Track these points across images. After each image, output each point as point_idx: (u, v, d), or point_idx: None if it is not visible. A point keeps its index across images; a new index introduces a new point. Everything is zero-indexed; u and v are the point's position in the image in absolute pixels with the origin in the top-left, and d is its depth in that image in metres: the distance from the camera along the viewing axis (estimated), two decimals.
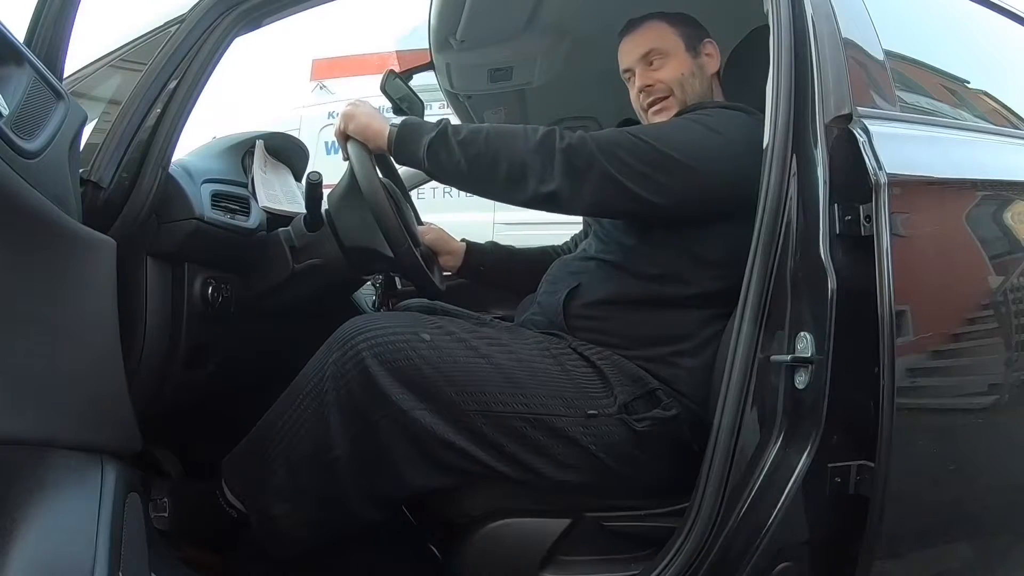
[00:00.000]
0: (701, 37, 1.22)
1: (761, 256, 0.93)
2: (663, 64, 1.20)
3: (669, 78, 1.19)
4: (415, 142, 1.07)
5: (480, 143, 1.04)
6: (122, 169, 0.97)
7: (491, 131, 1.06)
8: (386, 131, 1.10)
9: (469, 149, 1.04)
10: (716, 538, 0.90)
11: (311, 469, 0.99)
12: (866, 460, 0.86)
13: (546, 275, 1.24)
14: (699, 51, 1.22)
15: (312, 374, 1.00)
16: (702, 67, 1.21)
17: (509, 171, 1.03)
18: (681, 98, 1.20)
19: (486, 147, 1.04)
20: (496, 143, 1.04)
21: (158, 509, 1.06)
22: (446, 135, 1.05)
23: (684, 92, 1.19)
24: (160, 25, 1.06)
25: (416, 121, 1.11)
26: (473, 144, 1.04)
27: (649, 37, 1.22)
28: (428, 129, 1.07)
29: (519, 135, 1.05)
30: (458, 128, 1.07)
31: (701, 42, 1.22)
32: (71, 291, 0.85)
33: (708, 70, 1.22)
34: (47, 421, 0.83)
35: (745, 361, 0.92)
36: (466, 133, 1.05)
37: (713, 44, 1.22)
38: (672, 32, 1.21)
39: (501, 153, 1.04)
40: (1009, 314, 1.00)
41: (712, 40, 1.22)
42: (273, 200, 1.30)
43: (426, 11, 1.65)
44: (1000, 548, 1.05)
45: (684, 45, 1.21)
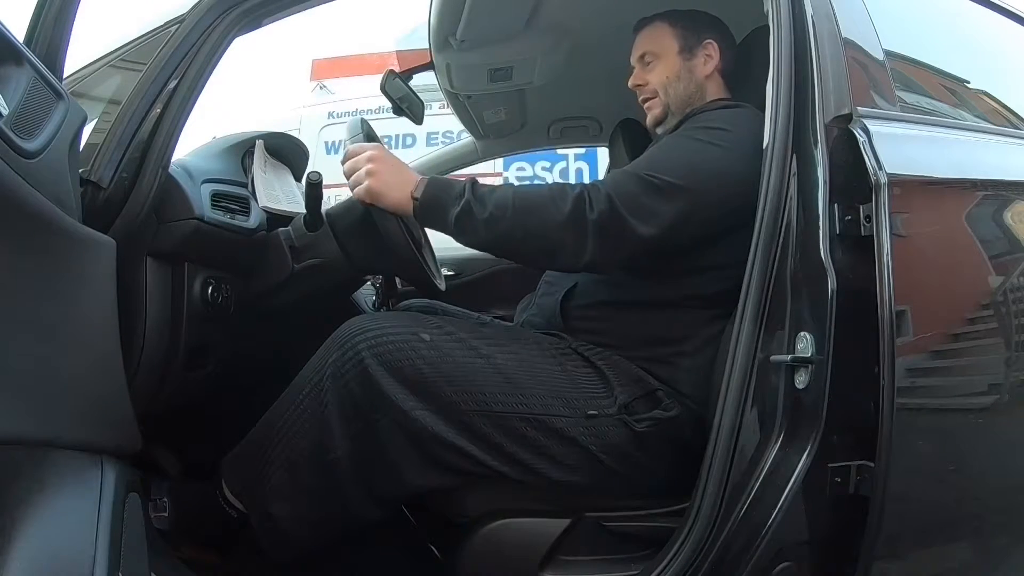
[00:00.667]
0: (701, 38, 1.22)
1: (761, 256, 0.93)
2: (653, 66, 1.24)
3: (655, 81, 1.23)
4: (440, 218, 1.05)
5: (508, 220, 1.01)
6: (122, 169, 0.97)
7: (518, 203, 1.02)
8: (410, 206, 1.06)
9: (497, 226, 1.02)
10: (716, 538, 0.90)
11: (311, 469, 0.99)
12: (866, 460, 0.86)
13: (544, 276, 1.24)
14: (695, 52, 1.22)
15: (311, 374, 1.00)
16: (692, 70, 1.22)
17: (541, 247, 1.03)
18: (664, 100, 1.23)
19: (514, 223, 1.02)
20: (524, 219, 1.02)
21: (158, 509, 1.06)
22: (471, 212, 1.02)
23: (667, 95, 1.23)
24: (160, 25, 1.06)
25: (437, 191, 1.05)
26: (501, 221, 1.02)
27: (647, 39, 1.25)
28: (453, 200, 1.03)
29: (547, 206, 1.01)
30: (483, 200, 1.03)
31: (700, 43, 1.22)
32: (71, 291, 0.85)
33: (700, 72, 1.22)
34: (47, 421, 0.83)
35: (745, 361, 0.92)
36: (492, 208, 1.02)
37: (714, 44, 1.22)
38: (670, 34, 1.23)
39: (531, 229, 1.02)
40: (1009, 314, 1.00)
41: (713, 40, 1.22)
42: (273, 200, 1.30)
43: (426, 11, 1.65)
44: (1000, 548, 1.05)
45: (679, 47, 1.22)
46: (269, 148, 1.39)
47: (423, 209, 1.06)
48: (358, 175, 1.08)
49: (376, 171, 1.06)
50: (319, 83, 4.58)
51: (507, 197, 1.03)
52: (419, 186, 1.06)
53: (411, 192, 1.06)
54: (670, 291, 1.09)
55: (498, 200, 1.03)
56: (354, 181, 1.08)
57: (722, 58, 1.23)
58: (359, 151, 1.09)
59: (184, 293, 1.07)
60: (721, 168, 1.04)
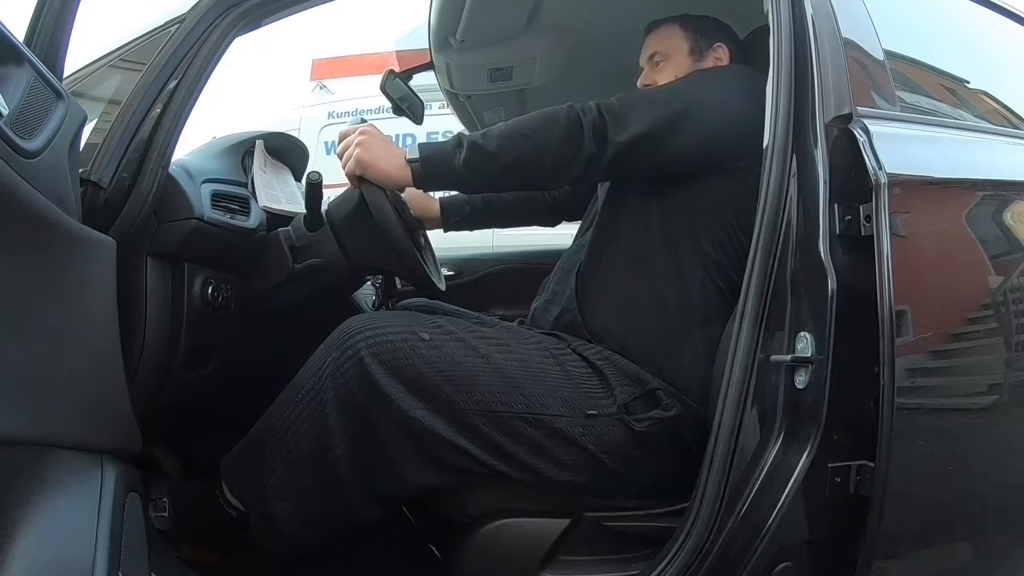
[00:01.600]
0: (711, 42, 1.24)
1: (761, 256, 0.93)
2: (663, 67, 1.25)
3: (663, 81, 1.24)
4: (446, 170, 1.07)
5: (517, 144, 1.05)
6: (122, 169, 0.97)
7: (519, 128, 1.06)
8: (406, 174, 1.08)
9: (509, 154, 1.05)
10: (716, 538, 0.90)
11: (310, 468, 0.99)
12: (866, 460, 0.86)
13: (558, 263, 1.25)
14: (704, 55, 1.23)
15: (311, 373, 1.00)
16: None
17: (553, 156, 1.06)
18: None
19: (523, 144, 1.05)
20: (531, 138, 1.05)
21: (158, 509, 1.06)
22: (478, 151, 1.05)
23: None
24: (160, 25, 1.06)
25: (433, 148, 1.08)
26: (511, 148, 1.05)
27: (657, 40, 1.27)
28: (452, 150, 1.06)
29: (546, 122, 1.05)
30: (484, 137, 1.06)
31: (710, 47, 1.24)
32: (71, 291, 0.85)
33: None
34: (47, 421, 0.83)
35: (745, 361, 0.92)
36: (498, 140, 1.05)
37: (724, 48, 1.24)
38: (680, 36, 1.25)
39: (539, 144, 1.05)
40: (1009, 314, 1.00)
41: (724, 44, 1.24)
42: (273, 200, 1.30)
43: (426, 11, 1.65)
44: (1000, 548, 1.05)
45: (688, 48, 1.23)
46: (269, 148, 1.39)
47: (424, 167, 1.07)
48: (349, 150, 1.10)
49: (365, 143, 1.09)
50: (319, 83, 4.57)
51: (505, 129, 1.07)
52: (410, 151, 1.08)
53: (405, 158, 1.07)
54: (670, 290, 1.09)
55: (499, 133, 1.06)
56: (345, 158, 1.10)
57: (732, 62, 1.24)
58: (351, 131, 1.12)
59: (184, 293, 1.07)
60: (707, 95, 1.09)
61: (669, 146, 1.06)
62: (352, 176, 1.11)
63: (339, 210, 1.21)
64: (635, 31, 1.33)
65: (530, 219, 1.53)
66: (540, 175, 1.10)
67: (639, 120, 1.05)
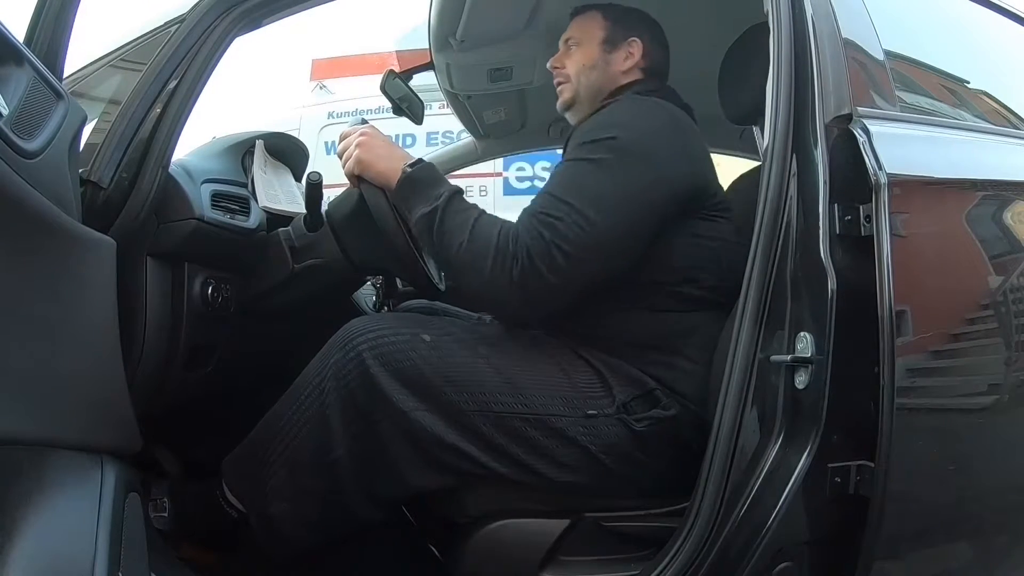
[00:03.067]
0: (627, 35, 1.24)
1: (761, 256, 0.93)
2: (573, 52, 1.26)
3: (571, 66, 1.26)
4: (414, 199, 1.05)
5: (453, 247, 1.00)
6: (122, 169, 0.97)
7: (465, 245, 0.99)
8: (396, 177, 1.06)
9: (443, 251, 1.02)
10: (716, 538, 0.90)
11: (312, 469, 0.99)
12: (866, 460, 0.86)
13: None
14: (617, 46, 1.24)
15: (314, 375, 1.01)
16: (609, 63, 1.24)
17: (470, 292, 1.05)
18: (575, 86, 1.25)
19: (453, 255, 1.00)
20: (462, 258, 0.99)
21: (158, 509, 1.06)
22: (432, 222, 1.01)
23: (579, 82, 1.25)
24: (160, 25, 1.06)
25: (426, 175, 1.06)
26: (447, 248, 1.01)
27: (576, 24, 1.28)
28: (429, 199, 1.03)
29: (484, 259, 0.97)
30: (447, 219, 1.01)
31: (625, 39, 1.23)
32: (71, 291, 0.85)
33: (617, 66, 1.23)
34: (47, 421, 0.83)
35: (745, 361, 0.92)
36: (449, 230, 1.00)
37: (638, 43, 1.23)
38: (599, 24, 1.25)
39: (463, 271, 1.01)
40: (1009, 314, 1.00)
41: (639, 39, 1.23)
42: (273, 200, 1.30)
43: (426, 11, 1.65)
44: (1000, 548, 1.05)
45: (603, 38, 1.24)
46: (269, 148, 1.39)
47: (404, 182, 1.05)
48: (349, 150, 1.10)
49: (365, 143, 1.09)
50: (319, 83, 4.58)
51: (463, 231, 1.00)
52: (415, 163, 1.07)
53: (404, 165, 1.06)
54: (655, 294, 1.08)
55: (456, 227, 1.00)
56: (345, 157, 1.10)
57: (645, 58, 1.24)
58: (352, 131, 1.12)
59: (184, 293, 1.07)
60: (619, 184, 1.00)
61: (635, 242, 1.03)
62: (352, 176, 1.11)
63: (339, 210, 1.21)
64: None
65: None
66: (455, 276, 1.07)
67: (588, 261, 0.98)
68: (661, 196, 1.03)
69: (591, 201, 0.98)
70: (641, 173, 1.02)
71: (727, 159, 2.44)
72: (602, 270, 1.01)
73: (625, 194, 1.00)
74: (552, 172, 1.08)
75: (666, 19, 1.32)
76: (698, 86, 1.32)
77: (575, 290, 1.01)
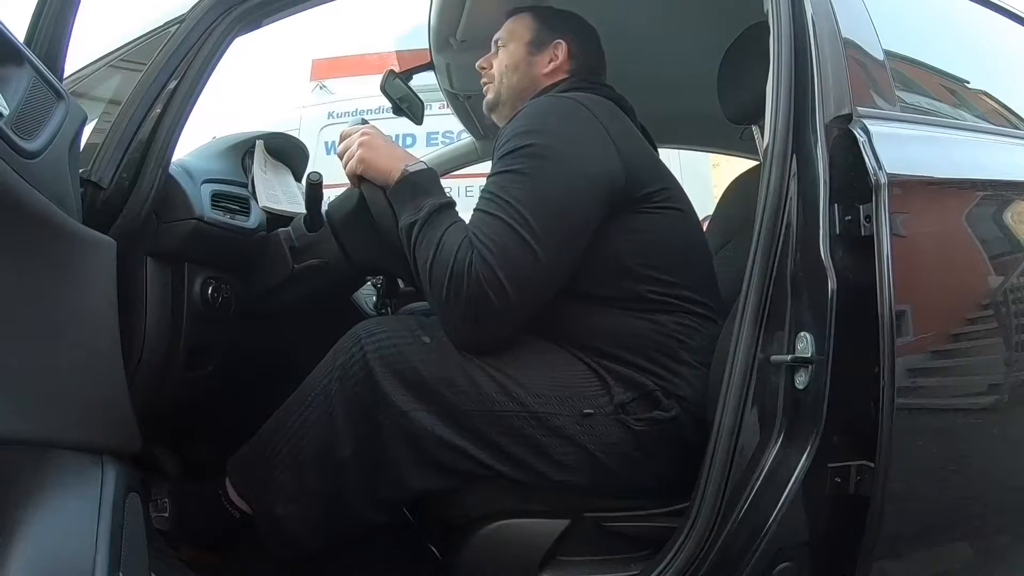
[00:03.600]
0: (553, 37, 1.24)
1: (761, 256, 0.93)
2: (499, 53, 1.27)
3: (496, 66, 1.27)
4: (404, 202, 1.05)
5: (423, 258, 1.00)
6: (122, 169, 0.97)
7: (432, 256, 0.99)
8: (395, 175, 1.06)
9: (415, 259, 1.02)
10: (716, 538, 0.90)
11: (319, 470, 0.99)
12: (866, 460, 0.86)
13: None
14: (542, 49, 1.24)
15: (321, 377, 1.01)
16: (532, 64, 1.24)
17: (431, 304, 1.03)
18: (498, 87, 1.27)
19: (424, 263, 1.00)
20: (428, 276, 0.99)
21: (158, 509, 1.06)
22: (411, 232, 1.02)
23: (502, 83, 1.26)
24: (160, 25, 1.06)
25: (424, 179, 1.06)
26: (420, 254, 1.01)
27: (506, 27, 1.29)
28: (413, 207, 1.03)
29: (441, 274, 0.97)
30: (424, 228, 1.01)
31: (550, 41, 1.24)
32: (71, 291, 0.85)
33: (540, 68, 1.24)
34: (47, 421, 0.83)
35: (745, 361, 0.92)
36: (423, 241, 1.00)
37: (563, 46, 1.24)
38: (527, 26, 1.26)
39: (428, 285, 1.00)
40: (1009, 314, 1.00)
41: (564, 42, 1.24)
42: (273, 200, 1.30)
43: (426, 11, 1.65)
44: (1000, 548, 1.05)
45: (529, 39, 1.25)
46: (269, 148, 1.39)
47: (402, 184, 1.06)
48: (350, 150, 1.10)
49: (367, 142, 1.09)
50: (319, 83, 4.57)
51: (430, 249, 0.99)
52: (416, 167, 1.07)
53: (406, 166, 1.06)
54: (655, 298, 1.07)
55: (427, 243, 1.00)
56: (347, 157, 1.10)
57: (572, 60, 1.24)
58: (353, 131, 1.12)
59: (184, 293, 1.07)
60: (547, 190, 1.00)
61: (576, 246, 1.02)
62: (352, 175, 1.11)
63: (339, 210, 1.21)
64: (633, 32, 1.33)
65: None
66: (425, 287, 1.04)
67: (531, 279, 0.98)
68: (586, 197, 1.01)
69: (524, 220, 0.97)
70: (563, 178, 1.00)
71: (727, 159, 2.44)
72: (547, 286, 1.01)
73: (554, 205, 0.99)
74: (485, 183, 1.05)
75: (666, 19, 1.32)
76: (698, 86, 1.32)
77: (522, 313, 1.00)
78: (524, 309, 1.00)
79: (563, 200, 1.00)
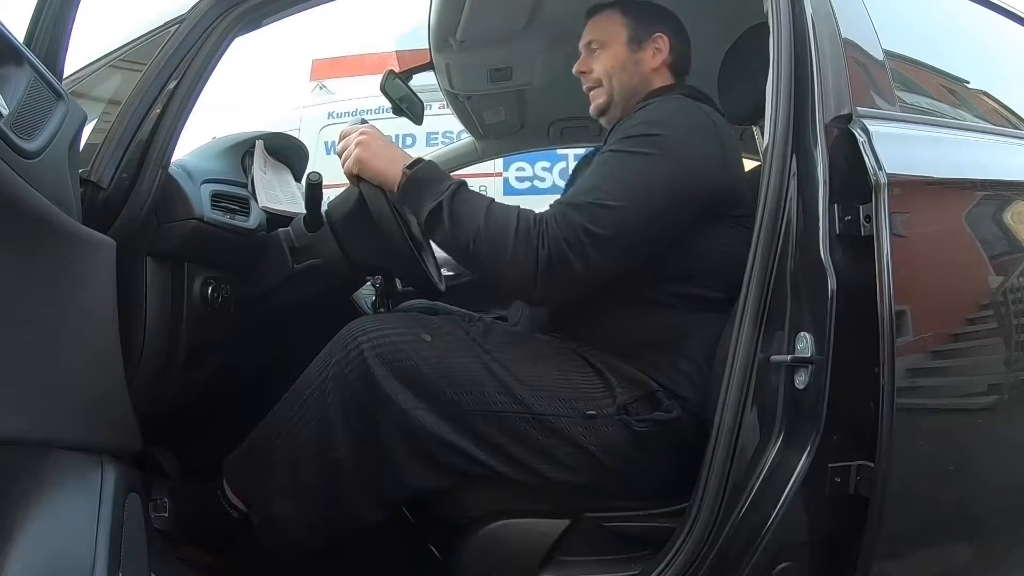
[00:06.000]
0: (651, 31, 1.22)
1: (761, 256, 0.93)
2: (599, 55, 1.24)
3: (599, 69, 1.24)
4: (416, 205, 1.05)
5: (467, 239, 1.00)
6: (122, 169, 0.97)
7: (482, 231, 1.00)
8: (398, 178, 1.06)
9: (457, 241, 1.02)
10: (716, 538, 0.90)
11: (314, 469, 0.99)
12: (866, 460, 0.86)
13: None
14: (643, 44, 1.22)
15: (316, 374, 1.01)
16: (639, 62, 1.22)
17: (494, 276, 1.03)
18: (608, 89, 1.23)
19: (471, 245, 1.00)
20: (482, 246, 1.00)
21: (158, 509, 1.06)
22: (441, 216, 1.01)
23: (611, 84, 1.23)
24: (160, 25, 1.06)
25: (429, 172, 1.06)
26: (460, 238, 1.01)
27: (596, 26, 1.25)
28: (433, 193, 1.03)
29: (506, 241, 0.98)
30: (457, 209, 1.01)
31: (650, 36, 1.22)
32: (71, 291, 0.85)
33: (647, 64, 1.22)
34: (47, 421, 0.83)
35: (745, 361, 0.92)
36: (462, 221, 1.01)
37: (664, 38, 1.22)
38: (620, 23, 1.23)
39: (486, 259, 1.00)
40: (1009, 314, 1.00)
41: (664, 34, 1.22)
42: (273, 200, 1.30)
43: (426, 11, 1.65)
44: (1000, 548, 1.05)
45: (627, 37, 1.22)
46: (269, 148, 1.39)
47: (408, 182, 1.06)
48: (348, 150, 1.09)
49: (365, 141, 1.09)
50: (319, 83, 4.58)
51: (477, 218, 1.00)
52: (414, 163, 1.07)
53: (404, 166, 1.06)
54: (663, 293, 1.08)
55: (468, 215, 1.01)
56: (345, 156, 1.10)
57: (672, 53, 1.23)
58: (352, 130, 1.11)
59: (184, 293, 1.07)
60: (657, 177, 1.02)
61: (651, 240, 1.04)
62: (350, 174, 1.11)
63: (338, 210, 1.21)
64: None
65: None
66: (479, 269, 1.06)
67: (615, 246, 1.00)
68: (693, 197, 1.04)
69: (626, 189, 1.00)
70: (679, 172, 1.03)
71: None
72: (626, 256, 1.02)
73: (659, 188, 1.02)
74: (597, 156, 1.09)
75: None
76: (698, 86, 1.32)
77: (597, 276, 1.01)
78: (598, 274, 1.00)
79: (664, 190, 1.02)
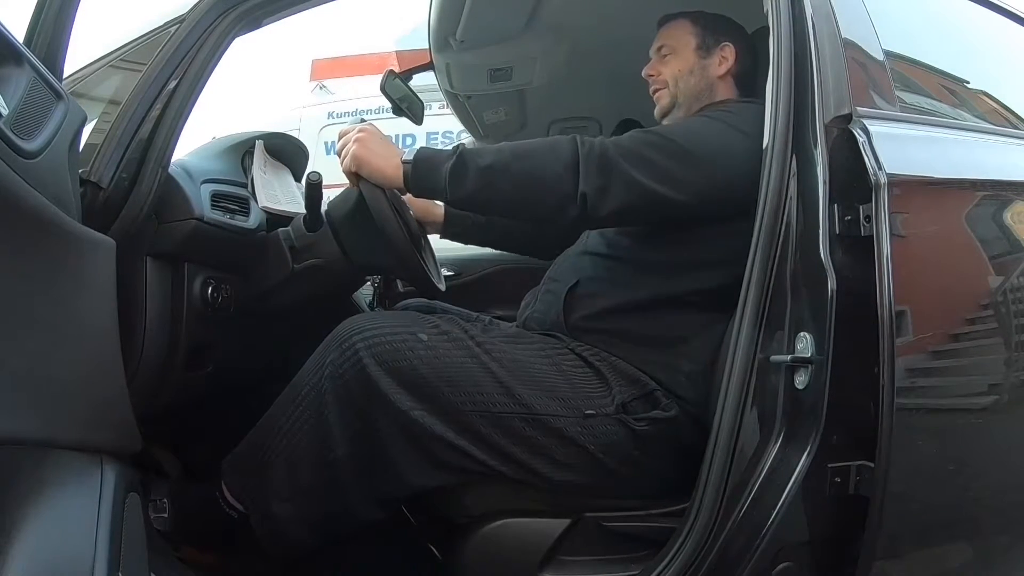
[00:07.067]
0: (719, 40, 1.25)
1: (761, 256, 0.93)
2: (668, 59, 1.26)
3: (667, 72, 1.26)
4: (432, 177, 1.05)
5: (504, 165, 1.03)
6: (122, 169, 0.97)
7: (514, 149, 1.05)
8: (400, 173, 1.07)
9: (493, 172, 1.03)
10: (716, 538, 0.90)
11: (311, 469, 0.99)
12: (866, 460, 0.86)
13: (549, 271, 1.24)
14: (711, 52, 1.24)
15: (310, 373, 1.01)
16: (705, 68, 1.24)
17: (538, 188, 1.04)
18: (673, 91, 1.25)
19: (510, 167, 1.03)
20: (521, 162, 1.03)
21: (158, 509, 1.06)
22: (466, 163, 1.03)
23: (677, 87, 1.25)
24: (160, 25, 1.06)
25: (428, 154, 1.07)
26: (496, 166, 1.03)
27: (667, 32, 1.28)
28: (445, 157, 1.04)
29: (543, 150, 1.04)
30: (478, 152, 1.05)
31: (717, 44, 1.24)
32: (71, 291, 0.85)
33: (713, 71, 1.24)
34: (47, 421, 0.83)
35: (745, 361, 0.92)
36: (489, 156, 1.04)
37: (731, 47, 1.24)
38: (690, 31, 1.26)
39: (527, 171, 1.03)
40: (1009, 314, 1.00)
41: (731, 44, 1.24)
42: (273, 200, 1.30)
43: (426, 11, 1.65)
44: (1000, 548, 1.05)
45: (696, 44, 1.25)
46: (269, 148, 1.39)
47: (415, 169, 1.06)
48: (347, 147, 1.10)
49: (363, 140, 1.09)
50: (319, 83, 4.57)
51: (502, 147, 1.06)
52: (408, 153, 1.08)
53: (400, 159, 1.07)
54: (669, 290, 1.09)
55: (493, 150, 1.05)
56: (343, 155, 1.10)
57: (737, 62, 1.25)
58: (351, 129, 1.12)
59: (184, 293, 1.07)
60: (726, 143, 1.06)
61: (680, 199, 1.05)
62: (349, 173, 1.11)
63: (338, 210, 1.21)
64: (635, 31, 1.33)
65: (532, 249, 1.50)
66: (527, 205, 1.07)
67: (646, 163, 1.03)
68: (743, 174, 1.03)
69: (689, 135, 1.06)
70: (739, 146, 1.05)
71: None
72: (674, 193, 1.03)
73: (719, 148, 1.06)
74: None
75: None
76: None
77: (638, 208, 1.04)
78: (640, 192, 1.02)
79: (727, 151, 1.05)
